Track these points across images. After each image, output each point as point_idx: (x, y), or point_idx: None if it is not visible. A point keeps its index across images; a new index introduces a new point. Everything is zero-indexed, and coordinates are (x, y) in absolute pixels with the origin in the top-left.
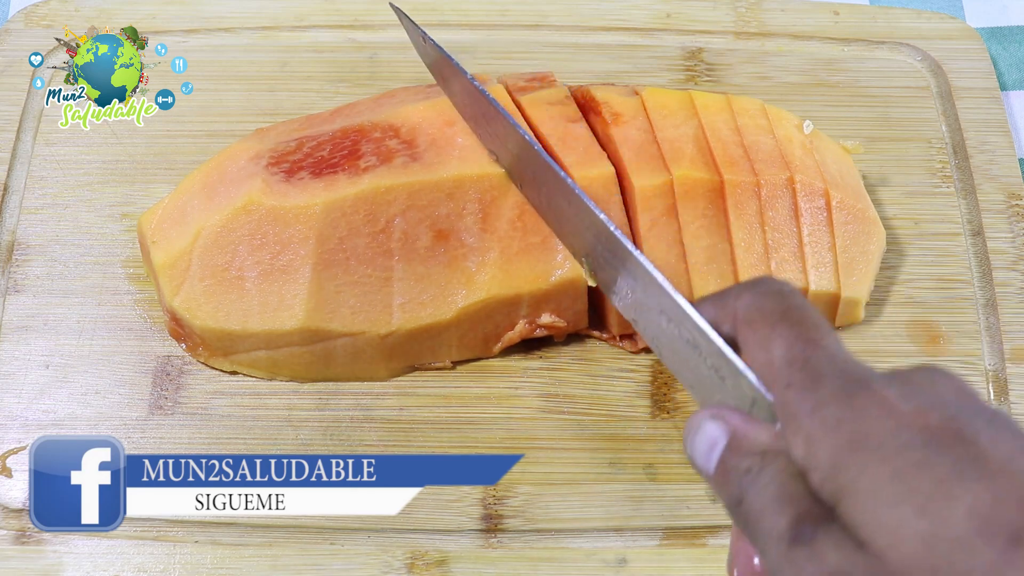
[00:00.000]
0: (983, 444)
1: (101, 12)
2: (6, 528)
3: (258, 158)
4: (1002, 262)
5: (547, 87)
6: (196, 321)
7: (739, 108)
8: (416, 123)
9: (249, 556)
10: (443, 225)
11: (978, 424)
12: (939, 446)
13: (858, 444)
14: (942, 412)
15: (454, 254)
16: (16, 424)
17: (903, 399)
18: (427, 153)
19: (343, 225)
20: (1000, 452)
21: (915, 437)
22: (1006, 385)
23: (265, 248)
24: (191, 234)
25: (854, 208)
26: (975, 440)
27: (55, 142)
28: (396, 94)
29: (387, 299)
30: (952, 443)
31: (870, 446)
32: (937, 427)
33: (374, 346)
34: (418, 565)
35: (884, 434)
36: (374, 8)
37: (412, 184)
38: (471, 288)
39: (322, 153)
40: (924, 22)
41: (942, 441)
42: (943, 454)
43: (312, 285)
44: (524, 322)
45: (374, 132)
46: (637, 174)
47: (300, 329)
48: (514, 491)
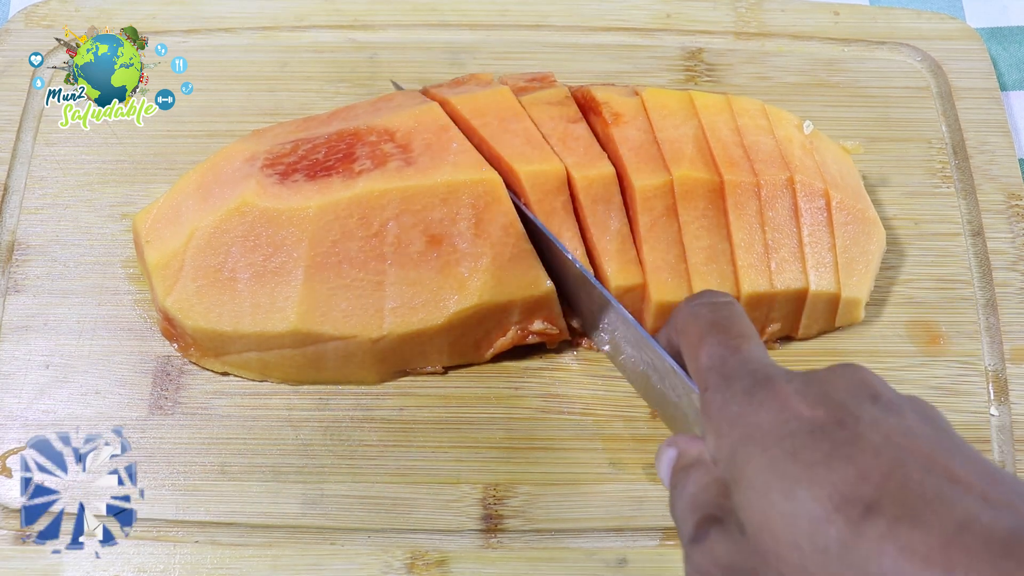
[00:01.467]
0: (862, 429)
1: (101, 12)
2: (6, 528)
3: (253, 159)
4: (1002, 262)
5: (547, 87)
6: (188, 321)
7: (739, 108)
8: (411, 128)
9: (249, 556)
10: (436, 230)
11: (864, 410)
12: (820, 433)
13: (749, 436)
14: (831, 402)
15: (447, 259)
16: (16, 424)
17: (799, 393)
18: (421, 158)
19: (336, 228)
20: (877, 435)
21: (800, 426)
22: (1006, 385)
23: (258, 250)
24: (185, 234)
25: (854, 208)
26: (855, 426)
27: (55, 142)
28: (394, 98)
29: (379, 303)
30: (833, 430)
31: (757, 437)
32: (823, 417)
33: (365, 350)
34: (418, 565)
35: (772, 425)
36: (374, 8)
37: (406, 189)
38: (463, 294)
39: (317, 156)
40: (924, 22)
41: (824, 429)
42: (821, 440)
43: (304, 288)
44: (516, 328)
45: (369, 136)
46: (637, 174)
47: (292, 331)
48: (514, 491)
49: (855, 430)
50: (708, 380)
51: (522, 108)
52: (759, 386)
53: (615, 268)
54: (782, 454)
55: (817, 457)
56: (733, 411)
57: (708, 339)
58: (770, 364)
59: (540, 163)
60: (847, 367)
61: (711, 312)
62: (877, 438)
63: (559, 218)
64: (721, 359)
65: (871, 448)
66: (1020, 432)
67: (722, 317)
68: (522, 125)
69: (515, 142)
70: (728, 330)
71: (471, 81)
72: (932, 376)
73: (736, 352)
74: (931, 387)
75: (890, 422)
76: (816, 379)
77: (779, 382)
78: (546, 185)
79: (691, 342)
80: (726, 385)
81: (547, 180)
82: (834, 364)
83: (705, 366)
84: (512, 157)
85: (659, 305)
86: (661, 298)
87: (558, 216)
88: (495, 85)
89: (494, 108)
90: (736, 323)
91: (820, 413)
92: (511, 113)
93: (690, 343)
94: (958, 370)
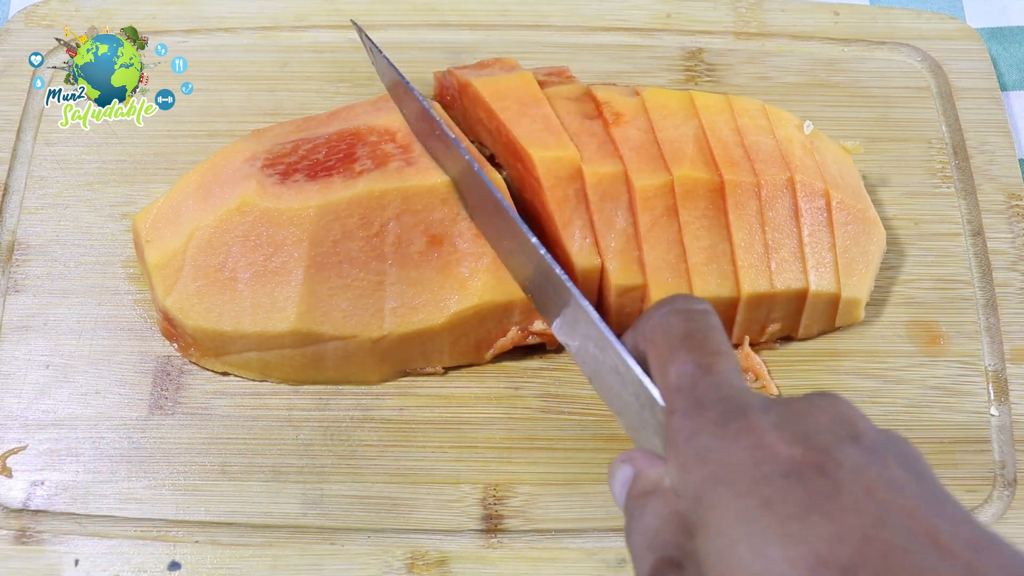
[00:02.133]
0: (843, 477)
1: (101, 12)
2: (6, 528)
3: (253, 159)
4: (1002, 262)
5: (565, 82)
6: (188, 321)
7: (739, 108)
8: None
9: (249, 556)
10: (437, 230)
11: (846, 455)
12: (798, 479)
13: (719, 478)
14: (811, 442)
15: (447, 259)
16: (16, 424)
17: (776, 428)
18: (423, 158)
19: (337, 228)
20: (858, 487)
21: (776, 470)
22: (1006, 385)
23: (258, 250)
24: (185, 234)
25: (854, 208)
26: (836, 473)
27: (55, 142)
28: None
29: (379, 303)
30: (811, 476)
31: (728, 480)
32: (800, 459)
33: (365, 350)
34: (418, 565)
35: (745, 467)
36: (374, 8)
37: (407, 189)
38: (464, 294)
39: (318, 156)
40: (924, 22)
41: (801, 474)
42: (798, 488)
43: (304, 288)
44: (516, 329)
45: (370, 136)
46: (638, 174)
47: (292, 331)
48: (514, 491)
49: (836, 478)
50: (676, 402)
51: (542, 94)
52: (732, 416)
53: (617, 267)
54: (754, 504)
55: (793, 510)
56: (703, 443)
57: (679, 354)
58: (745, 390)
59: (557, 149)
60: (826, 397)
61: (684, 322)
62: (859, 490)
63: (571, 205)
64: (692, 379)
65: (852, 503)
66: (1020, 432)
67: (696, 329)
68: (541, 111)
69: (533, 127)
70: (702, 345)
71: (495, 65)
72: (932, 376)
73: (709, 372)
74: (931, 387)
75: (872, 471)
76: (794, 411)
77: (754, 413)
78: (560, 172)
79: (660, 354)
80: (696, 411)
81: (561, 166)
82: (812, 393)
83: (674, 385)
84: (528, 142)
85: None
86: (661, 298)
87: (570, 203)
88: (519, 70)
89: (515, 92)
90: (711, 337)
91: (798, 453)
92: (531, 98)
93: (659, 355)
94: (958, 370)
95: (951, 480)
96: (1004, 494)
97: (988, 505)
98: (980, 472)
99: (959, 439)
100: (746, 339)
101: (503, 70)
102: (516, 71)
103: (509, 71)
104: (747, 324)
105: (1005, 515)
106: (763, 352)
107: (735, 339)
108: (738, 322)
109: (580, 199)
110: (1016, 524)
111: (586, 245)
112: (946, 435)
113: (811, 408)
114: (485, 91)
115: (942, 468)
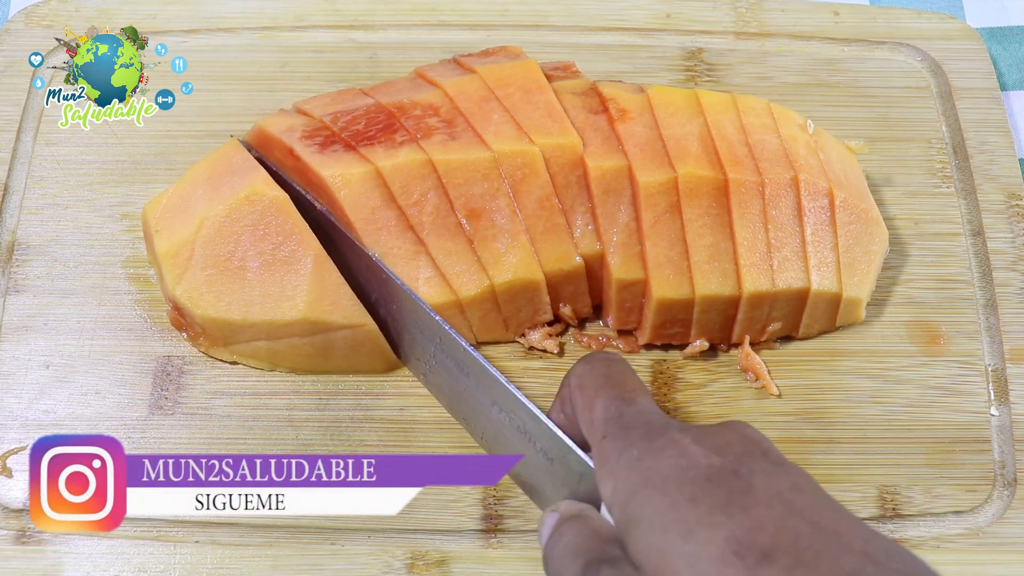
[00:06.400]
0: (756, 481)
1: (101, 12)
2: (6, 528)
3: (291, 131)
4: (1002, 262)
5: (571, 77)
6: (197, 310)
7: (744, 107)
8: (454, 96)
9: (249, 556)
10: (476, 204)
11: (757, 466)
12: (717, 481)
13: (649, 480)
14: (726, 454)
15: (484, 234)
16: (16, 424)
17: (696, 442)
18: (466, 133)
19: (377, 196)
20: (769, 489)
21: (699, 474)
22: (1006, 385)
23: (267, 239)
24: (194, 223)
25: (857, 208)
26: (749, 478)
27: (55, 142)
28: (433, 68)
29: (414, 272)
30: (729, 479)
31: (657, 481)
32: (719, 466)
33: (374, 339)
34: (418, 565)
35: (672, 470)
36: (374, 8)
37: (449, 162)
38: (498, 269)
39: (357, 127)
40: (924, 22)
41: (721, 478)
42: (718, 488)
43: (313, 276)
44: (547, 307)
45: (414, 110)
46: (642, 170)
47: (301, 320)
48: (514, 491)
49: (750, 482)
50: (606, 429)
51: (546, 82)
52: (657, 433)
53: (619, 261)
54: (682, 499)
55: (715, 503)
56: (632, 455)
57: (604, 391)
58: (664, 416)
59: (559, 136)
60: (736, 425)
61: (605, 367)
62: (770, 492)
63: (573, 192)
64: (618, 409)
65: (764, 499)
66: (1020, 432)
67: (615, 372)
68: (545, 98)
69: (536, 115)
70: (622, 383)
71: (500, 53)
72: (932, 376)
73: (632, 404)
74: (931, 387)
75: (780, 479)
76: (709, 432)
77: (675, 432)
78: (563, 158)
79: (587, 395)
80: (624, 432)
81: (563, 153)
82: (723, 422)
83: (602, 417)
84: (531, 129)
85: (660, 301)
86: (663, 295)
87: (572, 190)
88: (524, 58)
89: (519, 80)
90: (629, 378)
91: (716, 461)
92: (535, 86)
93: (586, 396)
94: (958, 370)
95: (951, 480)
96: (1004, 494)
97: (988, 505)
98: (980, 472)
99: (959, 439)
100: (746, 338)
101: (508, 58)
102: (521, 59)
103: (514, 59)
104: (748, 323)
105: (1005, 515)
106: (763, 352)
107: (736, 337)
108: (739, 321)
109: (582, 186)
110: (1016, 524)
111: (588, 232)
112: (946, 435)
113: (724, 430)
114: (489, 78)
115: (942, 468)
